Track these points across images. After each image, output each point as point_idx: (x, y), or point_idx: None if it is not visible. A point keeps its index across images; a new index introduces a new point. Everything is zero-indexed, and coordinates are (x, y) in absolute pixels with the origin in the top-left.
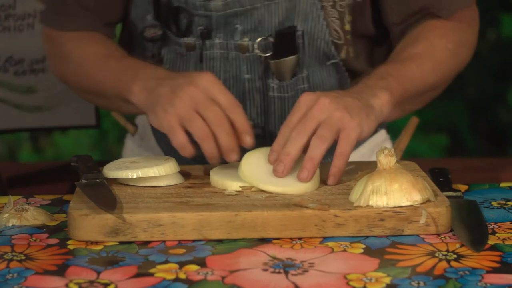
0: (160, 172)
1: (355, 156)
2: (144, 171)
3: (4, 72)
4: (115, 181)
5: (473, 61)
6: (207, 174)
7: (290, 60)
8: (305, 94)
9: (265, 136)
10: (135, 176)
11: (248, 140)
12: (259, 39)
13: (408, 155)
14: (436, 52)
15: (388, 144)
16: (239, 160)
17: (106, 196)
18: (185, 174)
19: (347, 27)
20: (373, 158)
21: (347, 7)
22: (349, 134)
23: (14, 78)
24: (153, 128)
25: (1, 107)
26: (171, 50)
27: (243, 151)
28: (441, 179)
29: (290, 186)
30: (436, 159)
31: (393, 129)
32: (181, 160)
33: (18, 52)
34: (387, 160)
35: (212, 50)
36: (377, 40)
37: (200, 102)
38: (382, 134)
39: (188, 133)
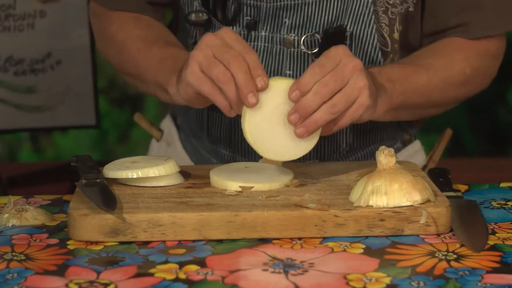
0: (160, 172)
1: None
2: (144, 171)
3: (4, 72)
4: (115, 181)
5: None
6: (207, 174)
7: None
8: (344, 47)
9: None
10: (135, 176)
11: (262, 82)
12: (306, 35)
13: None
14: (452, 71)
15: (422, 156)
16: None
17: (106, 196)
18: (185, 174)
19: (396, 35)
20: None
21: (399, 15)
22: (357, 110)
23: (14, 78)
24: (179, 133)
25: (1, 107)
26: None
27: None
28: (441, 179)
29: (287, 154)
30: None
31: (423, 139)
32: (205, 159)
33: (18, 52)
34: (387, 160)
35: (257, 42)
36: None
37: (217, 47)
38: (416, 144)
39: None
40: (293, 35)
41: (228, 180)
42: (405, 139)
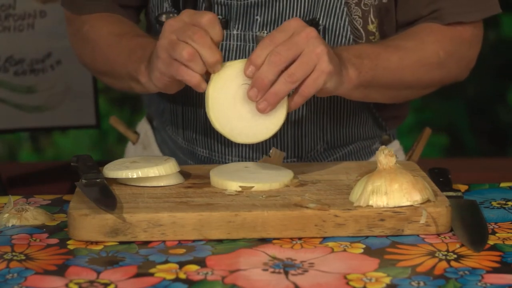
0: (160, 172)
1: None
2: (144, 171)
3: (4, 72)
4: (115, 181)
5: None
6: (207, 174)
7: None
8: (296, 19)
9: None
10: (135, 176)
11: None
12: None
13: None
14: (424, 53)
15: (401, 156)
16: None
17: (106, 196)
18: (185, 174)
19: (371, 27)
20: None
21: (372, 7)
22: (319, 77)
23: (14, 78)
24: (155, 135)
25: (1, 107)
26: None
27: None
28: (441, 179)
29: (258, 136)
30: (436, 159)
31: (403, 136)
32: (181, 161)
33: (18, 52)
34: (387, 160)
35: (229, 41)
36: None
37: (178, 29)
38: (395, 144)
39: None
40: (266, 32)
41: (228, 180)
42: (384, 139)
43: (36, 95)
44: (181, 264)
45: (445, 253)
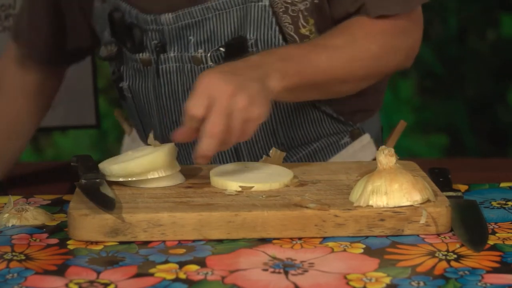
0: (160, 173)
1: (337, 159)
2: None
3: None
4: (115, 181)
5: (473, 61)
6: (207, 174)
7: None
8: (210, 75)
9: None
10: (134, 179)
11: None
12: (211, 51)
13: (408, 155)
14: (355, 48)
15: (372, 149)
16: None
17: (105, 196)
18: (185, 174)
19: (304, 31)
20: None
21: (302, 11)
22: (251, 128)
23: None
24: (141, 134)
25: None
26: (129, 66)
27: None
28: (441, 179)
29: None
30: (436, 159)
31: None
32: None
33: None
34: (387, 160)
35: (168, 64)
36: None
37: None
38: (366, 138)
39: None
40: (201, 51)
41: (228, 180)
42: (354, 132)
43: None
44: (181, 264)
45: (445, 253)
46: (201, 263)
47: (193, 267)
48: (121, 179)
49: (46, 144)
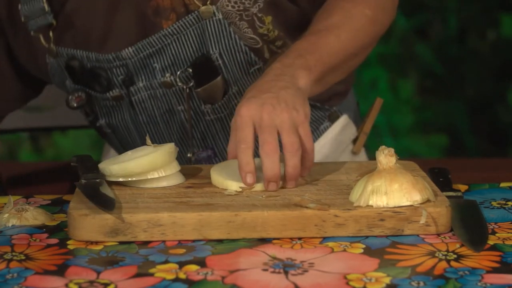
0: (160, 173)
1: (319, 145)
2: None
3: None
4: (115, 181)
5: (473, 61)
6: (207, 174)
7: (215, 83)
8: (242, 108)
9: (216, 155)
10: (134, 179)
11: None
12: (179, 73)
13: (408, 155)
14: (354, 20)
15: (352, 129)
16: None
17: (104, 196)
18: (185, 174)
19: (262, 30)
20: (338, 145)
21: (256, 14)
22: (306, 130)
23: None
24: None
25: None
26: (102, 105)
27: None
28: (441, 179)
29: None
30: (436, 159)
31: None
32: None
33: None
34: (387, 160)
35: (139, 94)
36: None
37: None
38: (344, 119)
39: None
40: (168, 75)
41: (228, 180)
42: (333, 116)
43: None
44: (181, 264)
45: (445, 253)
46: (201, 263)
47: (193, 267)
48: (121, 179)
49: (46, 144)
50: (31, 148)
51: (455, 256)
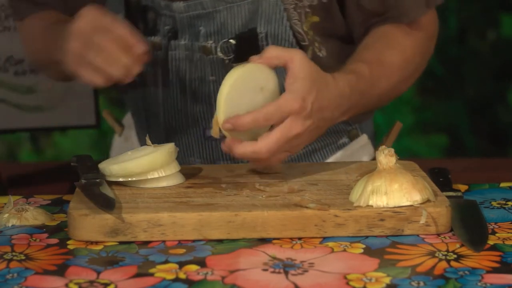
0: (160, 173)
1: (333, 159)
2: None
3: (4, 72)
4: (115, 181)
5: (473, 61)
6: (207, 174)
7: None
8: (294, 101)
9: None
10: (134, 179)
11: (139, 48)
12: (221, 42)
13: (408, 155)
14: (409, 67)
15: (370, 149)
16: None
17: (105, 196)
18: (185, 174)
19: (306, 27)
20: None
21: (305, 8)
22: (297, 150)
23: (14, 78)
24: (137, 129)
25: (1, 107)
26: None
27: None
28: (441, 179)
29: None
30: (436, 159)
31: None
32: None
33: (18, 52)
34: (387, 160)
35: (178, 51)
36: (348, 39)
37: (88, 35)
38: (363, 138)
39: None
40: (211, 42)
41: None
42: (352, 133)
43: (36, 95)
44: (181, 264)
45: (445, 253)
46: (201, 263)
47: (193, 267)
48: (121, 179)
49: (46, 144)
50: (31, 148)
51: (455, 256)
